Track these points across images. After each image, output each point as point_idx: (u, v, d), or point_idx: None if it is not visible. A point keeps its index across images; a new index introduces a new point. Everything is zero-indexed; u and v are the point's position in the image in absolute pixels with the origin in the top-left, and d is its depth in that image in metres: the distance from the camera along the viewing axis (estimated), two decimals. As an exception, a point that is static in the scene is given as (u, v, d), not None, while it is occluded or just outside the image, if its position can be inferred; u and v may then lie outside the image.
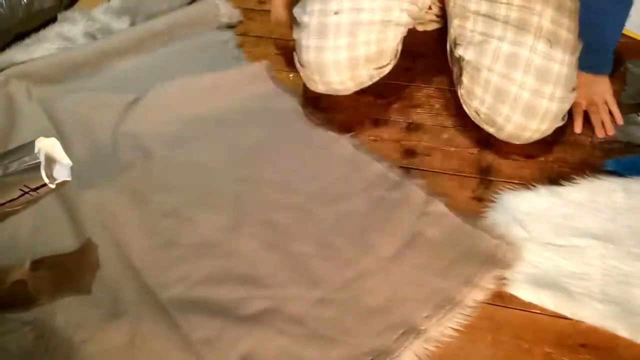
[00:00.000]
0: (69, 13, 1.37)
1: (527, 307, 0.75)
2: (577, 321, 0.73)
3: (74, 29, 1.33)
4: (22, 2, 1.27)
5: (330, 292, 0.79)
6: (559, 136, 0.98)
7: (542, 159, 0.95)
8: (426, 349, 0.72)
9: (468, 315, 0.75)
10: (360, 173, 0.95)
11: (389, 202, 0.90)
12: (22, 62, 1.23)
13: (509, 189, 0.90)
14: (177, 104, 1.12)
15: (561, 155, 0.95)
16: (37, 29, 1.32)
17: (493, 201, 0.89)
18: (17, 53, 1.26)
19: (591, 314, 0.73)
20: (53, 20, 1.36)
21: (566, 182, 0.89)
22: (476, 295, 0.77)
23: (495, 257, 0.80)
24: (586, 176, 0.89)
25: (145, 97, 1.12)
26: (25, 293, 0.82)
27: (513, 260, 0.80)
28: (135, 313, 0.77)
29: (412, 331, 0.73)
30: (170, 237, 0.88)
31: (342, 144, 1.00)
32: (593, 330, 0.72)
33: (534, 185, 0.90)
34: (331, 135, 1.02)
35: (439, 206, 0.88)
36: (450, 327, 0.74)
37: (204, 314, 0.77)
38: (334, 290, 0.79)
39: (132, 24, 1.36)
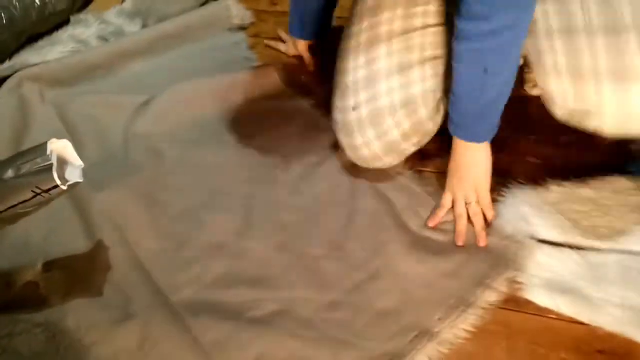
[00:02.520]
0: (82, 16, 1.38)
1: (543, 312, 0.74)
2: (595, 327, 0.72)
3: (87, 32, 1.34)
4: (35, 5, 1.28)
5: (341, 294, 0.78)
6: (575, 138, 0.96)
7: (558, 161, 0.94)
8: (440, 352, 0.71)
9: (481, 317, 0.74)
10: (369, 174, 0.95)
11: (398, 204, 0.89)
12: (36, 65, 1.24)
13: (520, 183, 0.89)
14: (188, 106, 1.12)
15: (578, 158, 0.94)
16: (50, 32, 1.34)
17: (503, 196, 0.88)
18: (31, 55, 1.27)
19: (609, 320, 0.71)
20: (66, 22, 1.37)
21: (578, 180, 0.88)
22: (489, 297, 0.76)
23: (507, 258, 0.80)
24: (599, 175, 0.88)
25: (157, 99, 1.12)
26: (37, 294, 0.82)
27: (525, 262, 0.79)
28: (146, 315, 0.77)
29: (425, 334, 0.73)
30: (181, 239, 0.88)
31: None
32: (611, 337, 0.71)
33: (545, 181, 0.88)
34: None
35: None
36: (464, 329, 0.73)
37: (214, 316, 0.77)
38: (345, 292, 0.79)
39: (145, 26, 1.37)
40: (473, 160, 0.85)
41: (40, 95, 1.17)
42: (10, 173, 0.68)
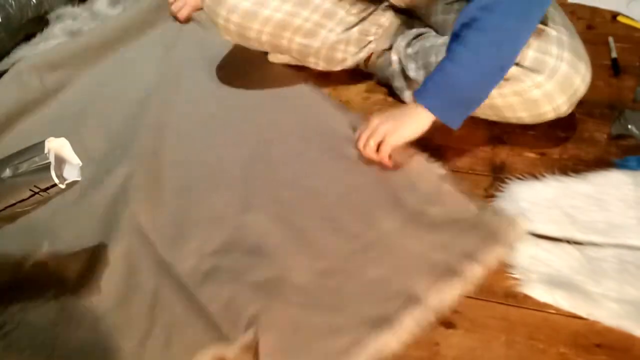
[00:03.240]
0: (68, 9, 1.40)
1: (541, 307, 0.74)
2: (593, 321, 0.72)
3: (76, 24, 1.36)
4: (32, 3, 1.27)
5: (334, 262, 0.82)
6: (574, 133, 0.97)
7: (556, 156, 0.94)
8: (427, 316, 0.74)
9: (468, 286, 0.76)
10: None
11: (392, 180, 0.92)
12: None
13: (518, 178, 0.89)
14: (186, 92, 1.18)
15: (575, 153, 0.94)
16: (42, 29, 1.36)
17: (501, 191, 0.88)
18: (27, 52, 1.28)
19: (607, 313, 0.72)
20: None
21: (576, 175, 0.88)
22: (476, 270, 0.78)
23: (497, 234, 0.81)
24: (597, 170, 0.88)
25: (154, 86, 1.18)
26: (46, 272, 0.85)
27: (515, 238, 0.80)
28: (154, 285, 0.82)
29: (412, 300, 0.75)
30: (182, 213, 0.92)
31: (348, 123, 1.03)
32: (608, 330, 0.71)
33: (543, 176, 0.89)
34: (337, 114, 1.05)
35: (441, 185, 0.89)
36: (450, 298, 0.75)
37: (216, 283, 0.81)
38: (337, 261, 0.82)
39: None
40: (417, 119, 0.87)
41: (40, 79, 1.21)
42: (7, 172, 0.68)
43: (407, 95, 1.03)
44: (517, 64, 0.84)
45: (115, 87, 1.21)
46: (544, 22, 0.85)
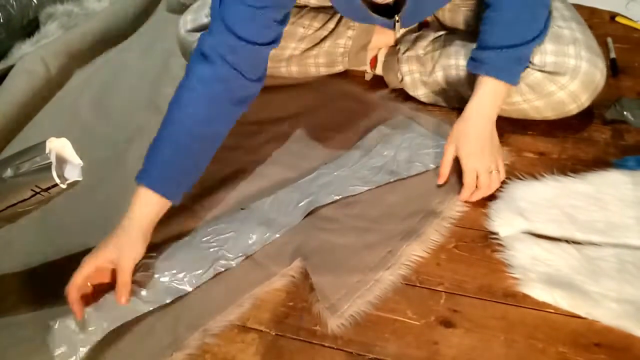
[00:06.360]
0: (59, 7, 1.41)
1: (540, 306, 0.74)
2: (592, 320, 0.72)
3: (71, 21, 1.38)
4: (33, 3, 1.28)
5: (353, 196, 0.91)
6: (572, 133, 0.97)
7: (555, 156, 0.94)
8: (444, 226, 0.85)
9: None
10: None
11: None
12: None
13: (517, 178, 0.90)
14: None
15: (574, 153, 0.94)
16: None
17: (501, 191, 0.88)
18: (28, 50, 1.28)
19: (606, 313, 0.72)
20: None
21: (575, 175, 0.88)
22: None
23: None
24: (596, 170, 0.89)
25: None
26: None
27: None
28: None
29: (430, 214, 0.86)
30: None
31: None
32: (608, 330, 0.71)
33: (542, 176, 0.89)
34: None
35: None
36: (458, 210, 0.87)
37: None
38: (356, 195, 0.91)
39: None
40: (491, 117, 0.87)
41: (45, 66, 1.24)
42: (9, 172, 0.68)
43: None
44: (540, 70, 0.86)
45: (108, 75, 1.29)
46: (553, 17, 0.87)
